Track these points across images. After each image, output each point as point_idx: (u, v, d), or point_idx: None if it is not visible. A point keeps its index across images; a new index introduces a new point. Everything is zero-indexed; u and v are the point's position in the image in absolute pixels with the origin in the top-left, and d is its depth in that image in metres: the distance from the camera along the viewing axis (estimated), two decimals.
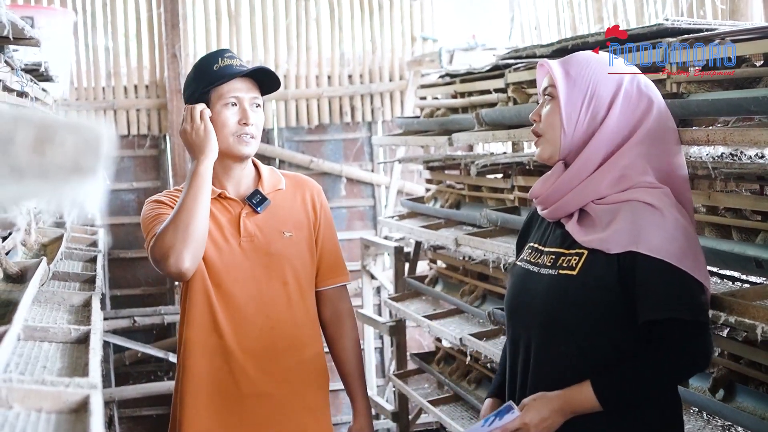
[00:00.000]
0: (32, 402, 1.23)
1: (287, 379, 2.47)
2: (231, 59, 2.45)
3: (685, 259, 1.83)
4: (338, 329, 2.62)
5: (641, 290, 1.84)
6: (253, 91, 2.45)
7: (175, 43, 6.20)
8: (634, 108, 1.94)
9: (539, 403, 1.89)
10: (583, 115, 1.95)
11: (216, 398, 2.44)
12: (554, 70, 1.99)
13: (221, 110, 2.41)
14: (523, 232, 2.21)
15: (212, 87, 2.41)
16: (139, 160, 6.35)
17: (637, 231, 1.85)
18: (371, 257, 5.28)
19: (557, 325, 1.94)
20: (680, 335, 1.83)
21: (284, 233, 2.48)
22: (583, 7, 4.96)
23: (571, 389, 1.88)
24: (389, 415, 4.55)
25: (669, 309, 1.83)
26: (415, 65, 5.92)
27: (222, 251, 2.43)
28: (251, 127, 2.43)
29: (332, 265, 2.59)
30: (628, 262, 1.85)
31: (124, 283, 6.07)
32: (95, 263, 2.95)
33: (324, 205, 2.60)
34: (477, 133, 3.38)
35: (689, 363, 1.88)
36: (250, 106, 2.44)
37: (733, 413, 2.24)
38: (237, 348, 2.43)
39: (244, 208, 2.47)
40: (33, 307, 2.04)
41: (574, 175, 1.96)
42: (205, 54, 2.56)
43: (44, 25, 4.29)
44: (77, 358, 1.62)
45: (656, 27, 2.48)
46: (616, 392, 1.86)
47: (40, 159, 0.56)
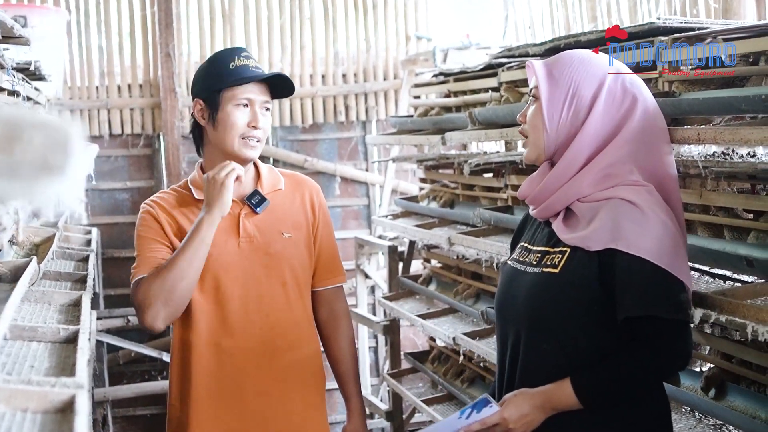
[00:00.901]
0: (18, 402, 1.22)
1: (286, 378, 2.48)
2: (247, 59, 2.45)
3: (665, 256, 1.83)
4: (334, 329, 2.63)
5: (620, 287, 1.84)
6: (265, 94, 2.45)
7: (169, 42, 6.18)
8: (618, 106, 1.94)
9: (520, 399, 1.89)
10: (565, 115, 1.95)
11: (216, 397, 2.44)
12: (537, 71, 1.98)
13: (232, 110, 2.41)
14: (517, 232, 2.22)
15: (226, 86, 2.40)
16: (133, 160, 6.34)
17: (616, 228, 1.85)
18: (365, 256, 5.27)
19: (540, 323, 1.94)
20: (659, 333, 1.83)
21: (283, 234, 2.48)
22: (576, 6, 4.96)
23: (551, 386, 1.88)
24: (383, 414, 4.55)
25: (647, 306, 1.82)
26: (409, 64, 5.91)
27: (221, 252, 2.42)
28: (259, 131, 2.43)
29: (329, 266, 2.60)
30: (608, 259, 1.85)
31: (118, 283, 6.07)
32: (87, 263, 2.95)
33: (322, 205, 2.60)
34: (470, 132, 3.37)
35: (668, 362, 1.87)
36: (261, 109, 2.43)
37: (724, 412, 2.24)
38: (236, 347, 2.43)
39: (243, 209, 2.47)
40: (23, 307, 2.04)
41: (560, 174, 1.96)
42: (221, 50, 2.55)
43: (37, 24, 4.28)
44: (66, 357, 1.62)
45: (648, 26, 2.48)
46: (594, 390, 1.86)
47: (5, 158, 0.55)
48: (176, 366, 2.49)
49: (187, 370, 2.45)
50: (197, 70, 2.54)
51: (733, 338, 2.28)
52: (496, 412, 1.88)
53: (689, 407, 2.48)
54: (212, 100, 2.43)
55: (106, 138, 6.23)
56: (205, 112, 2.45)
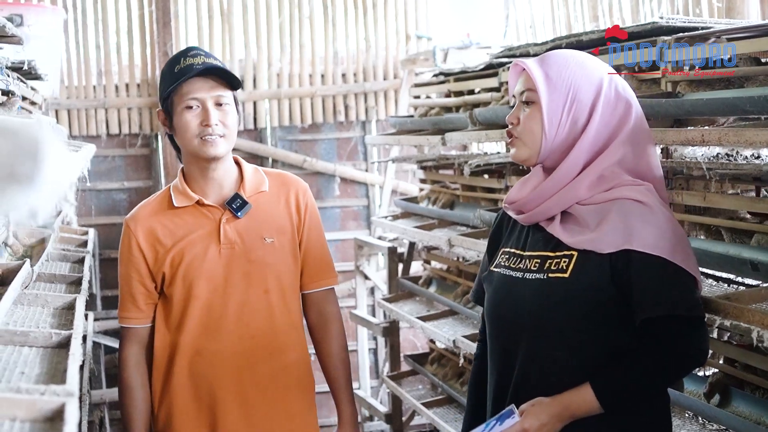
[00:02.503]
0: (6, 410, 1.19)
1: (269, 387, 2.43)
2: (194, 57, 2.35)
3: (677, 253, 1.82)
4: (324, 333, 2.56)
5: (637, 288, 1.83)
6: (216, 89, 2.34)
7: (166, 42, 6.15)
8: (613, 111, 1.92)
9: (538, 409, 1.86)
10: (564, 120, 1.92)
11: (196, 406, 2.40)
12: (534, 73, 1.94)
13: (182, 113, 2.34)
14: (493, 238, 2.17)
15: (172, 91, 2.34)
16: (131, 159, 6.30)
17: (628, 229, 1.84)
18: (365, 257, 5.24)
19: (549, 330, 1.90)
20: (678, 331, 1.82)
21: (265, 239, 2.42)
22: (578, 6, 4.93)
23: (569, 393, 1.86)
24: (382, 416, 4.53)
25: (666, 306, 1.81)
26: (409, 64, 5.88)
27: (202, 259, 2.39)
28: (215, 127, 2.33)
29: (317, 268, 2.53)
30: (622, 260, 1.83)
31: (115, 284, 6.01)
32: (83, 264, 2.91)
33: (309, 205, 2.51)
34: (471, 133, 3.35)
35: (688, 359, 1.86)
36: (214, 105, 2.35)
37: (728, 418, 2.21)
38: (217, 357, 2.39)
39: (224, 214, 2.41)
40: (15, 310, 2.00)
41: (558, 181, 1.93)
42: (175, 53, 2.49)
43: (34, 23, 4.25)
44: (57, 363, 1.59)
45: (651, 25, 2.45)
46: (616, 392, 1.84)
47: None
48: (157, 372, 2.46)
49: (168, 378, 2.42)
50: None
51: (738, 343, 2.25)
52: (516, 422, 1.86)
53: (692, 413, 2.45)
54: (167, 107, 2.39)
55: (104, 138, 6.19)
56: (167, 120, 2.42)
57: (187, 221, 2.41)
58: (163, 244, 2.41)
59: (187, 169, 2.45)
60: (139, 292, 2.43)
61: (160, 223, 2.43)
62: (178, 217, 2.41)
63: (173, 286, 2.40)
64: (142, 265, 2.42)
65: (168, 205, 2.44)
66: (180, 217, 2.41)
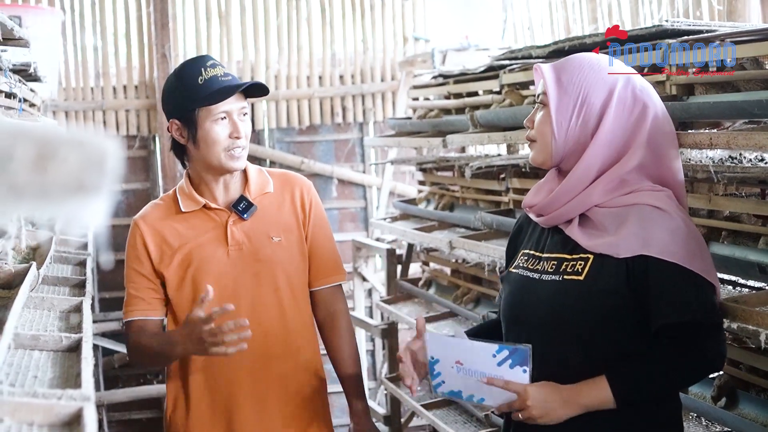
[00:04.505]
0: (24, 415, 1.19)
1: (283, 385, 2.45)
2: (214, 68, 2.37)
3: (695, 260, 1.83)
4: (333, 330, 2.58)
5: (654, 294, 1.83)
6: (240, 101, 2.39)
7: (164, 43, 6.14)
8: (629, 114, 1.91)
9: (547, 386, 1.86)
10: (574, 122, 1.92)
11: (212, 407, 2.42)
12: (546, 76, 1.95)
13: (211, 126, 2.36)
14: (513, 239, 2.18)
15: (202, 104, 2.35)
16: (129, 161, 6.28)
17: (646, 234, 1.84)
18: (363, 259, 5.25)
19: (562, 331, 1.91)
20: (695, 337, 1.82)
21: (272, 238, 2.45)
22: (577, 8, 4.94)
23: (582, 383, 1.85)
24: (381, 418, 4.52)
25: (684, 312, 1.81)
26: (407, 65, 5.88)
27: (210, 261, 2.41)
28: (242, 139, 2.38)
29: (325, 265, 2.54)
30: (639, 266, 1.83)
31: (113, 286, 6.00)
32: (85, 266, 2.90)
33: (314, 201, 2.54)
34: (472, 135, 3.35)
35: (706, 364, 1.87)
36: (239, 117, 2.38)
37: (734, 420, 2.21)
38: (231, 357, 2.39)
39: (230, 216, 2.44)
40: (23, 313, 2.00)
41: (573, 185, 1.93)
42: (186, 61, 2.48)
43: (32, 25, 4.23)
44: (69, 367, 1.58)
45: (655, 28, 2.45)
46: (632, 388, 1.84)
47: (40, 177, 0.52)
48: (173, 374, 2.48)
49: (183, 380, 2.45)
50: (165, 88, 2.47)
51: (742, 345, 2.26)
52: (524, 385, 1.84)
53: (696, 414, 2.46)
54: (189, 120, 2.38)
55: None
56: (184, 132, 2.40)
57: (194, 225, 2.45)
58: (169, 244, 2.44)
59: (195, 174, 2.47)
60: (144, 287, 2.46)
61: (168, 227, 2.46)
62: (186, 221, 2.45)
63: (183, 289, 2.42)
64: (147, 264, 2.45)
65: (176, 209, 2.47)
66: (187, 220, 2.45)
